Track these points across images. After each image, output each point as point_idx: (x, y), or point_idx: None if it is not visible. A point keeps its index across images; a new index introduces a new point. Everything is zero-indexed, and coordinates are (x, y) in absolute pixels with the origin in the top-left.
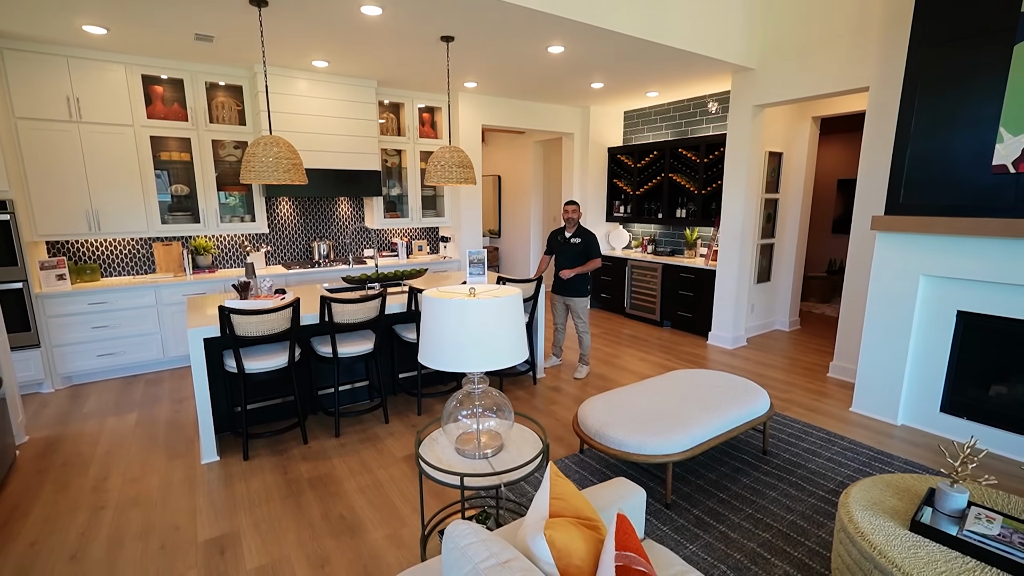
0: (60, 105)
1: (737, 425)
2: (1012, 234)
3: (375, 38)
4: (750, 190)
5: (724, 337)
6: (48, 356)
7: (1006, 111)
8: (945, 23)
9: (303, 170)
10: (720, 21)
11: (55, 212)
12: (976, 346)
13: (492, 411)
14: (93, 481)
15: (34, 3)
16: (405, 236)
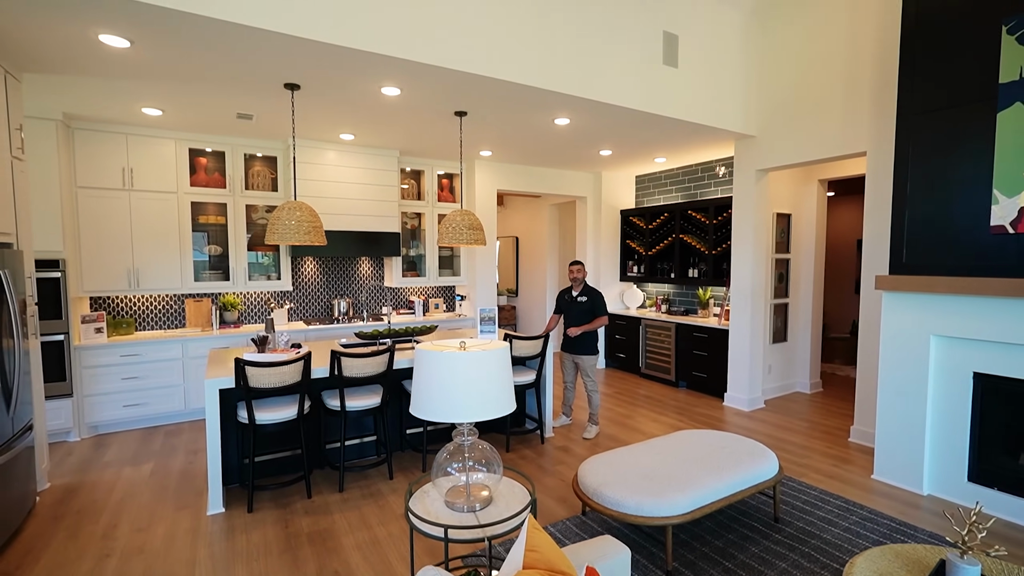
0: (116, 175)
1: (742, 488)
2: (1017, 294)
3: (395, 114)
4: (758, 250)
5: (740, 399)
6: (78, 406)
7: (997, 174)
8: (930, 93)
9: (323, 232)
10: (718, 92)
11: (100, 270)
12: (999, 410)
13: (481, 464)
14: (103, 529)
15: (106, 92)
16: (422, 294)
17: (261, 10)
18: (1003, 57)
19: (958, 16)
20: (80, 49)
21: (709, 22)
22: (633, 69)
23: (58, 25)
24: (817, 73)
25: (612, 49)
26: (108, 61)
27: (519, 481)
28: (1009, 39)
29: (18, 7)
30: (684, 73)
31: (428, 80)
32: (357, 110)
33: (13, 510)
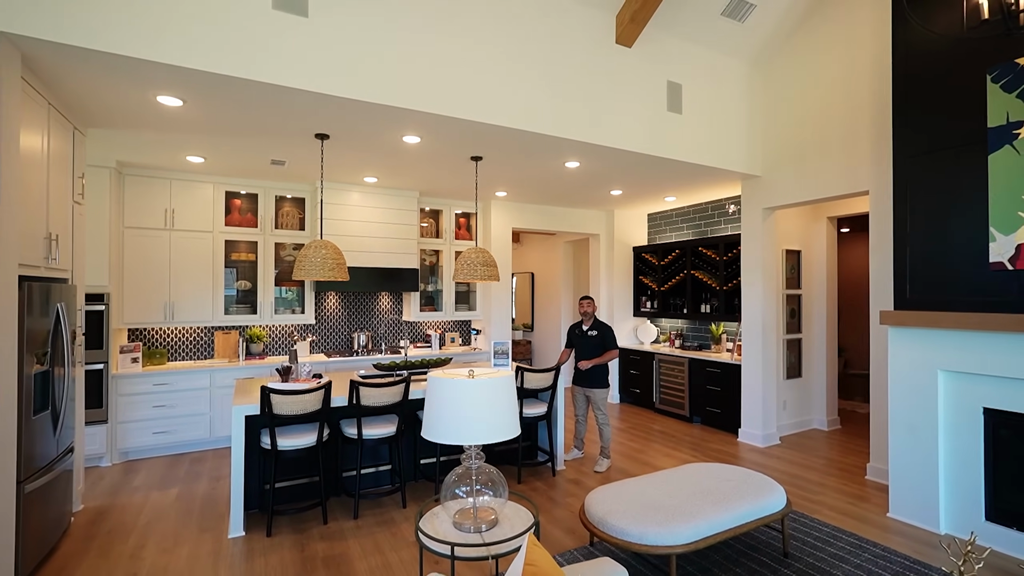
0: (159, 216)
1: (748, 521)
2: (1018, 329)
3: (416, 159)
4: (767, 286)
5: (754, 434)
6: (112, 432)
7: (993, 213)
8: (924, 136)
9: (346, 269)
10: (722, 135)
11: (140, 303)
12: (1012, 447)
13: (488, 488)
14: (132, 549)
15: (157, 143)
16: (439, 328)
17: (297, 72)
18: (989, 103)
19: (945, 68)
20: (139, 108)
21: (711, 72)
22: (639, 116)
23: (123, 89)
24: (817, 117)
25: (619, 98)
26: (163, 117)
27: (524, 505)
28: (994, 87)
29: (91, 74)
30: (688, 119)
31: (446, 129)
32: (380, 156)
33: (51, 529)
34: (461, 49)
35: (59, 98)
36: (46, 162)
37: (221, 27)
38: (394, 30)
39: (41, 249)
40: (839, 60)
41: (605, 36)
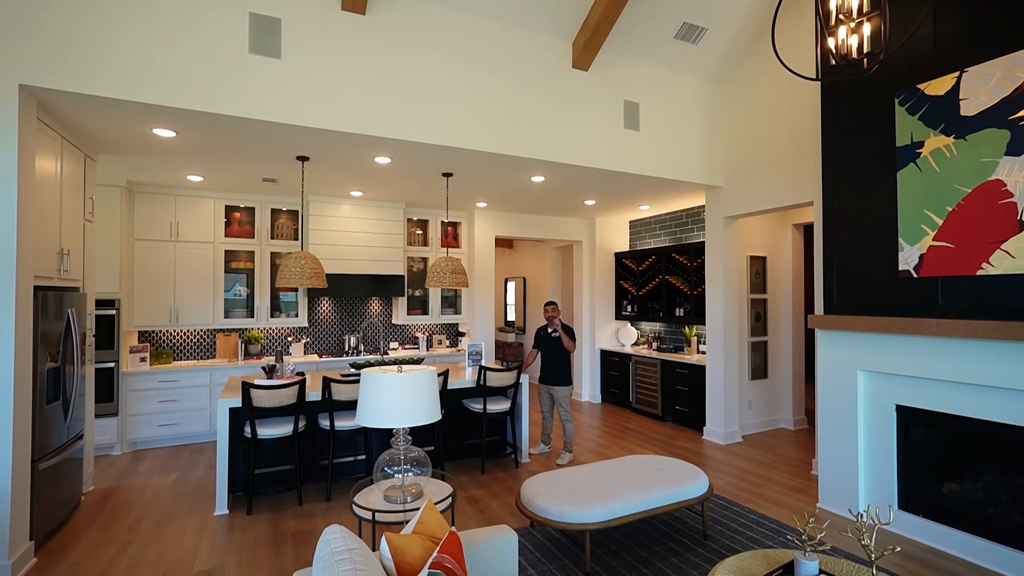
0: (165, 229)
1: (664, 504)
2: (917, 332)
3: (391, 176)
4: (729, 291)
5: (717, 432)
6: (122, 424)
7: (901, 225)
8: (848, 154)
9: (324, 276)
10: (681, 148)
11: (147, 307)
12: (921, 442)
13: (414, 466)
14: (130, 523)
15: (159, 165)
16: (426, 331)
17: (271, 106)
18: (898, 125)
19: (862, 91)
20: (139, 138)
21: (670, 90)
22: (596, 134)
23: (123, 124)
24: (771, 131)
25: (577, 118)
26: (158, 145)
27: (448, 482)
28: (901, 109)
29: (94, 113)
30: (645, 135)
31: (412, 152)
32: (357, 174)
33: (62, 503)
34: (424, 80)
35: (71, 132)
36: (59, 186)
37: (204, 70)
38: (359, 66)
39: (54, 262)
40: (787, 78)
41: (562, 61)
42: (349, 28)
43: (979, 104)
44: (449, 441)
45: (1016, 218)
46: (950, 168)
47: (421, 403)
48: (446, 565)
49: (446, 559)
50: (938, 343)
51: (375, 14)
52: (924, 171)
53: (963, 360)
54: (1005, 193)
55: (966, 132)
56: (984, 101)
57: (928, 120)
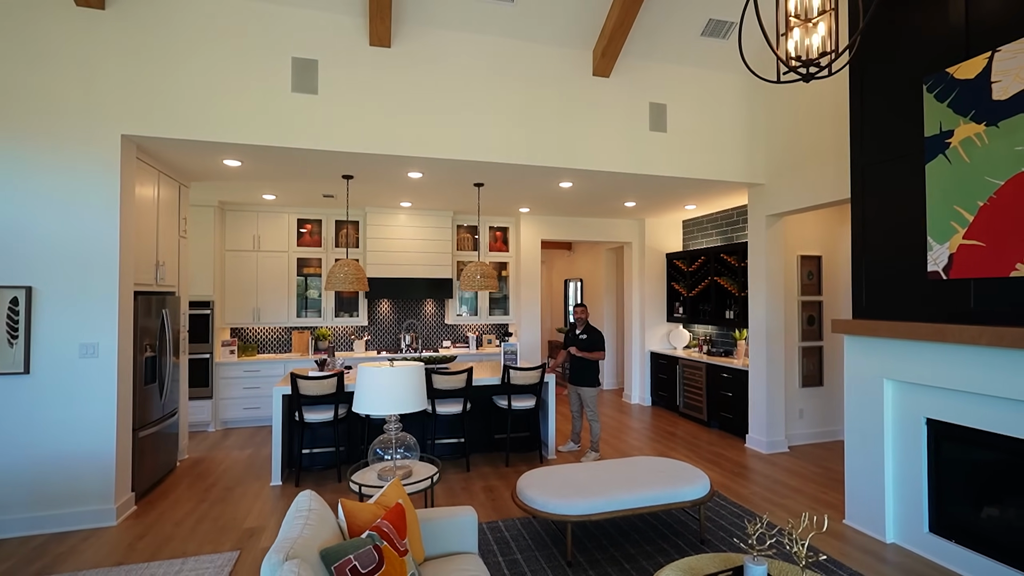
0: (249, 240)
1: (653, 504)
2: (939, 338)
3: (429, 188)
4: (773, 293)
5: (760, 440)
6: (215, 406)
7: (930, 222)
8: (874, 147)
9: (365, 281)
10: (716, 147)
11: (235, 308)
12: (956, 460)
13: (404, 449)
14: (207, 486)
15: (241, 188)
16: (476, 331)
17: (312, 136)
18: (926, 113)
19: (892, 77)
20: (214, 168)
21: (702, 88)
22: (620, 138)
23: (201, 158)
24: (812, 124)
25: (600, 124)
26: (230, 172)
27: (435, 465)
28: (929, 96)
29: (181, 151)
30: (674, 136)
31: (441, 167)
32: (398, 187)
33: (159, 467)
34: (448, 101)
35: (166, 165)
36: (156, 210)
37: (255, 109)
38: (387, 93)
39: (151, 272)
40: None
41: (583, 70)
42: (377, 60)
43: (1013, 86)
44: (481, 435)
45: None
46: (981, 159)
47: (408, 393)
48: (383, 529)
49: (385, 524)
50: (964, 352)
51: (400, 46)
52: (954, 163)
53: (991, 371)
54: None
55: (999, 118)
56: (1018, 83)
57: (958, 107)
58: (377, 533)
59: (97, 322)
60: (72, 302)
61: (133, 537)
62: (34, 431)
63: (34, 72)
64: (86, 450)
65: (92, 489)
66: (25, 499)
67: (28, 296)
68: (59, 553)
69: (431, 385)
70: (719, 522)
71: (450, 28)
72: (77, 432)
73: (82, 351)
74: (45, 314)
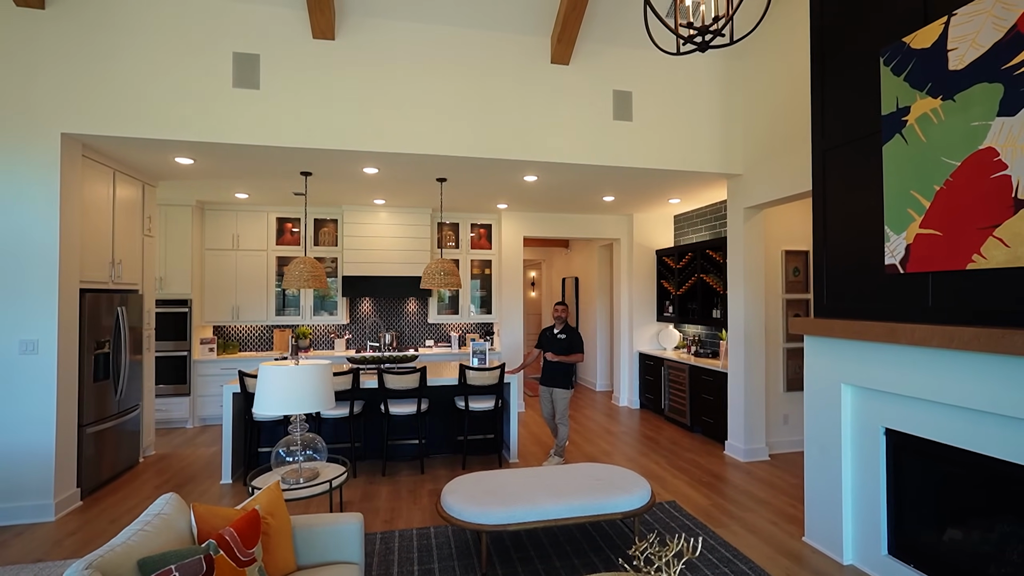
0: (228, 239)
1: (579, 515)
2: (891, 339)
3: (393, 184)
4: (753, 291)
5: (738, 448)
6: (193, 403)
7: (887, 210)
8: (836, 129)
9: (323, 279)
10: (687, 136)
11: (215, 306)
12: (917, 475)
13: (311, 451)
14: (161, 481)
15: (213, 187)
16: (459, 329)
17: (250, 134)
18: (883, 89)
19: (850, 52)
20: (169, 166)
21: (671, 74)
22: (582, 128)
23: (152, 156)
24: (791, 108)
25: (558, 114)
26: (187, 171)
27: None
28: (886, 70)
29: (129, 149)
30: (640, 125)
31: (396, 161)
32: (360, 184)
33: (117, 462)
34: (398, 93)
35: (121, 164)
36: (111, 208)
37: (196, 106)
38: (333, 87)
39: (106, 270)
40: (800, 47)
41: (541, 58)
42: (321, 53)
43: (969, 54)
44: (443, 437)
45: (1011, 195)
46: (937, 137)
47: (313, 392)
48: (224, 537)
49: (228, 532)
50: (917, 354)
51: (344, 38)
52: (910, 143)
53: (943, 376)
54: (998, 164)
55: (955, 91)
56: (974, 50)
57: (914, 80)
58: (216, 541)
59: (37, 319)
60: (12, 300)
61: (64, 534)
62: None
63: None
64: (25, 445)
65: (31, 485)
66: None
67: None
68: None
69: (383, 385)
70: (664, 535)
71: (396, 18)
72: (17, 428)
73: (22, 348)
74: None
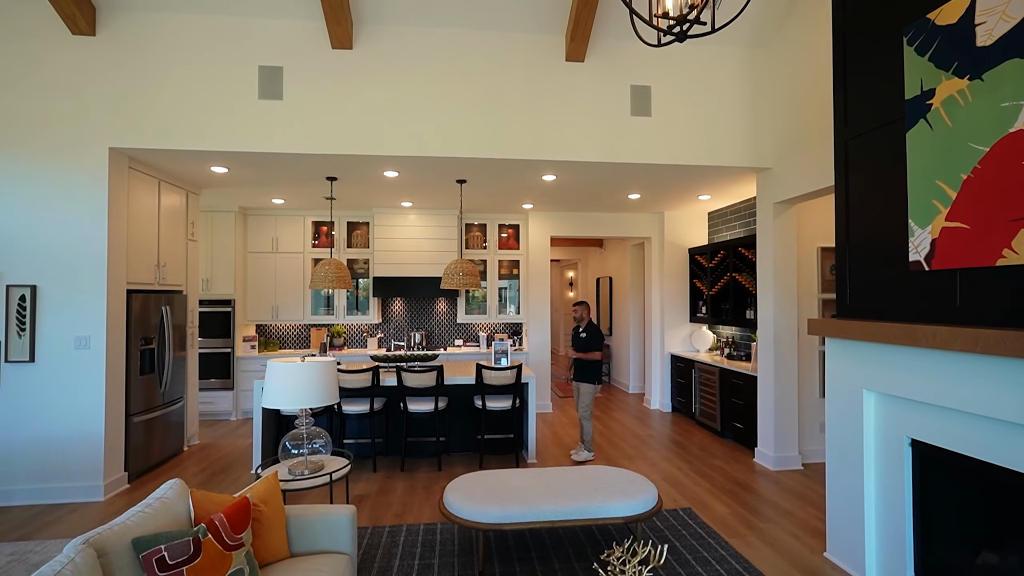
0: (268, 243)
1: (578, 518)
2: (911, 342)
3: (416, 186)
4: (783, 290)
5: (768, 456)
6: (236, 396)
7: (911, 202)
8: (859, 116)
9: (348, 279)
10: (714, 128)
11: (256, 306)
12: (947, 491)
13: (315, 442)
14: (201, 468)
15: (252, 193)
16: (487, 329)
17: (275, 142)
18: (907, 71)
19: (874, 32)
20: (207, 175)
21: (695, 65)
22: (598, 125)
23: (191, 166)
24: (820, 101)
25: (574, 112)
26: (219, 178)
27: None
28: (909, 50)
29: (170, 160)
30: (659, 120)
31: (415, 164)
32: (383, 187)
33: (157, 449)
34: (415, 97)
35: (165, 174)
36: (156, 215)
37: (228, 119)
38: (352, 94)
39: (152, 272)
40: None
41: (556, 57)
42: (340, 63)
43: (999, 28)
44: (463, 436)
45: None
46: (964, 120)
47: (318, 387)
48: (215, 522)
49: (219, 517)
50: (942, 359)
51: (362, 46)
52: (936, 128)
53: (973, 383)
54: None
55: (983, 69)
56: (1004, 22)
57: (939, 60)
58: (206, 525)
59: (89, 317)
60: (69, 299)
61: (110, 513)
62: (37, 413)
63: (35, 96)
64: (79, 431)
65: (84, 467)
66: (28, 473)
67: (33, 294)
68: (45, 522)
69: (401, 383)
70: (673, 543)
71: (410, 25)
72: (72, 415)
73: (76, 343)
74: (47, 310)
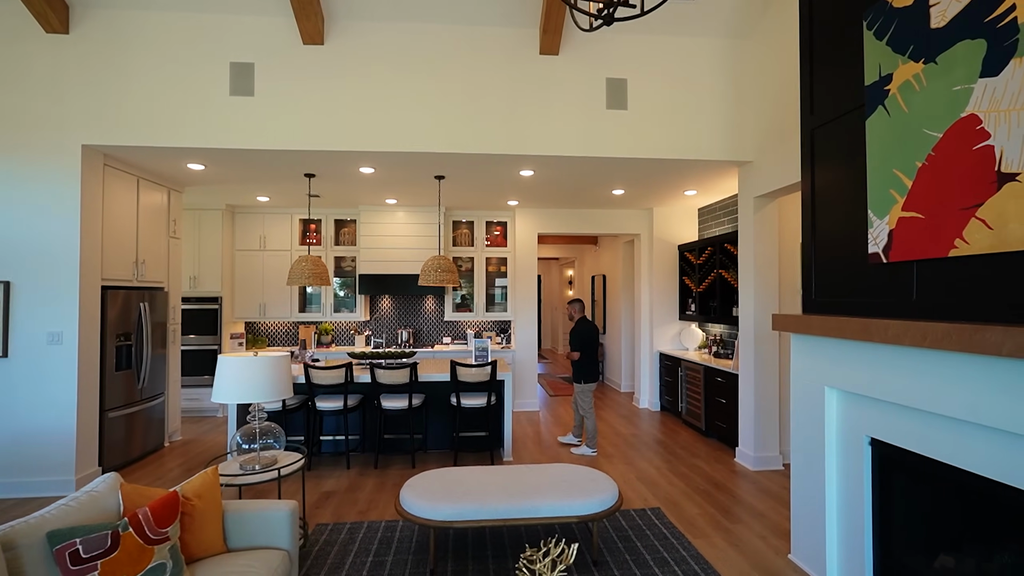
0: (256, 240)
1: (531, 516)
2: (865, 337)
3: (395, 183)
4: (764, 287)
5: (747, 455)
6: None
7: (870, 192)
8: (824, 104)
9: (326, 276)
10: (693, 120)
11: (244, 303)
12: (905, 491)
13: (269, 438)
14: (178, 463)
15: (237, 191)
16: (475, 327)
17: (247, 138)
18: (866, 56)
19: (838, 18)
20: (184, 172)
21: (673, 57)
22: (573, 119)
23: (168, 162)
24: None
25: (549, 106)
26: (197, 175)
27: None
28: (869, 35)
29: (145, 156)
30: (635, 113)
31: (391, 160)
32: (364, 184)
33: (144, 443)
34: (389, 92)
35: (143, 171)
36: (135, 212)
37: (200, 115)
38: (325, 90)
39: (130, 269)
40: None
41: (530, 50)
42: (312, 58)
43: (951, 8)
44: (441, 433)
45: (993, 168)
46: (919, 106)
47: (269, 383)
48: (138, 516)
49: (143, 511)
50: (895, 354)
51: (334, 42)
52: (893, 115)
53: (924, 379)
54: (980, 133)
55: (937, 52)
56: (957, 2)
57: (897, 44)
58: (129, 519)
59: (62, 313)
60: (42, 295)
61: None
62: (10, 407)
63: (8, 94)
64: (52, 426)
65: (57, 461)
66: (1, 467)
67: (7, 290)
68: (14, 516)
69: (375, 380)
70: (634, 543)
71: (382, 20)
72: (45, 410)
73: (49, 339)
74: (21, 305)
